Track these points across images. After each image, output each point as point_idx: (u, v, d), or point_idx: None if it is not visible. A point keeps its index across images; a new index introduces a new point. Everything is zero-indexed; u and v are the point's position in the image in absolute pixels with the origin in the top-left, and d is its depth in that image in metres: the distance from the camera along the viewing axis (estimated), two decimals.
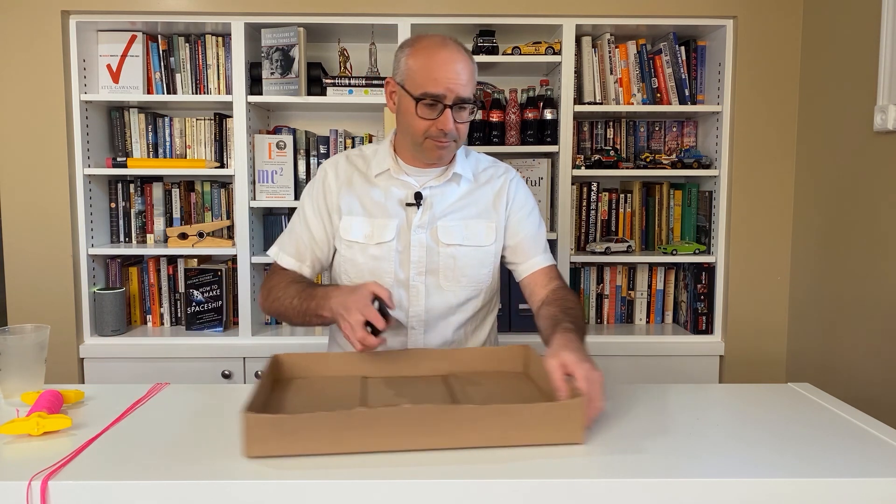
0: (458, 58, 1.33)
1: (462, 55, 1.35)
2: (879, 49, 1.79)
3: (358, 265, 1.42)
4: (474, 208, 1.44)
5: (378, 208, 1.42)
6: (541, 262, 1.47)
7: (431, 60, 1.32)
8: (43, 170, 2.24)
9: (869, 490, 0.92)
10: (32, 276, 2.27)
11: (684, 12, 2.24)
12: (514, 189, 1.49)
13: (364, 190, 1.44)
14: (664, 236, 2.51)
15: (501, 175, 1.50)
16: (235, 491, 0.89)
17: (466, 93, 1.33)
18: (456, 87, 1.31)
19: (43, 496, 0.87)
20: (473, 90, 1.36)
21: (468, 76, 1.34)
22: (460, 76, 1.32)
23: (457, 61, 1.33)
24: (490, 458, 0.96)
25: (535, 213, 1.51)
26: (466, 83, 1.33)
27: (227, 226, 2.45)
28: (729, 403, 1.24)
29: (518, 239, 1.47)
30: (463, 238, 1.41)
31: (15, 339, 1.20)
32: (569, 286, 1.48)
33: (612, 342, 2.34)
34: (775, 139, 2.27)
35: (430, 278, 1.41)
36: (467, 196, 1.45)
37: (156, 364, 2.29)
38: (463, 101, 1.33)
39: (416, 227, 1.40)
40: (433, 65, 1.32)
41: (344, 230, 1.43)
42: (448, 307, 1.43)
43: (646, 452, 0.99)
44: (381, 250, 1.40)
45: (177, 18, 2.23)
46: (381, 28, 2.29)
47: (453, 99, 1.32)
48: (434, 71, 1.31)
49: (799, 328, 2.26)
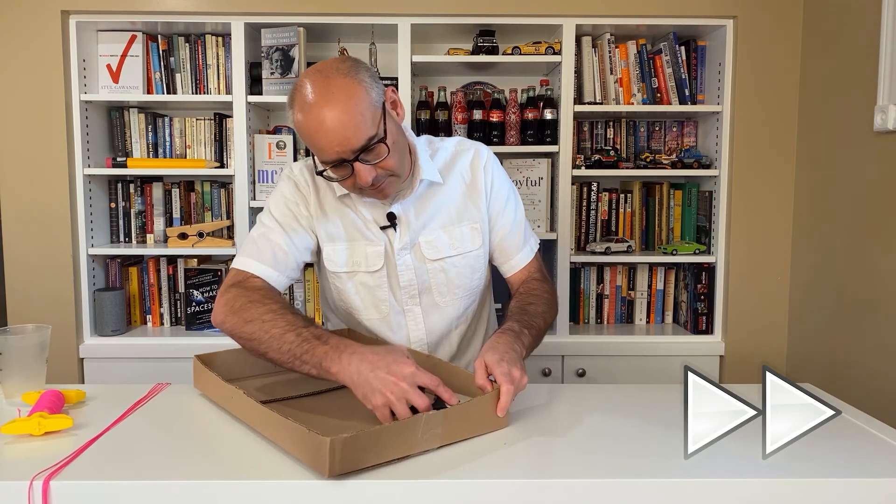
0: (329, 110, 1.12)
1: (334, 100, 1.13)
2: (879, 49, 1.79)
3: (350, 296, 1.35)
4: (452, 209, 1.35)
5: (357, 231, 1.32)
6: (521, 261, 1.41)
7: (304, 129, 1.16)
8: (43, 170, 2.24)
9: (869, 490, 0.92)
10: (32, 276, 2.27)
11: (684, 12, 2.24)
12: (490, 174, 1.37)
13: (338, 211, 1.32)
14: (664, 236, 2.52)
15: (469, 157, 1.37)
16: (235, 491, 0.89)
17: (360, 139, 1.14)
18: (346, 145, 1.14)
19: (44, 496, 0.87)
20: (374, 121, 1.15)
21: (355, 119, 1.13)
22: (342, 131, 1.13)
23: (328, 117, 1.12)
24: (484, 456, 0.96)
25: (510, 199, 1.40)
26: (354, 129, 1.13)
27: (227, 226, 2.45)
28: None
29: (499, 237, 1.40)
30: (449, 248, 1.34)
31: (16, 339, 1.20)
32: (545, 277, 1.43)
33: (612, 342, 2.34)
34: (775, 139, 2.27)
35: (424, 298, 1.35)
36: (441, 199, 1.34)
37: (156, 364, 2.29)
38: (364, 147, 1.15)
39: (399, 250, 1.32)
40: (308, 134, 1.16)
41: (329, 261, 1.32)
42: (448, 322, 1.39)
43: (645, 452, 0.99)
44: (374, 279, 1.33)
45: (177, 18, 2.22)
46: (381, 28, 2.28)
47: (351, 153, 1.15)
48: (313, 141, 1.15)
49: (799, 328, 2.26)
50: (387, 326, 1.37)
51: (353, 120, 1.13)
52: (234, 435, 1.04)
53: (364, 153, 1.16)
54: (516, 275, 1.43)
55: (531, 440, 1.03)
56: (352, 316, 1.39)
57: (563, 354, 2.33)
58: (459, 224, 1.35)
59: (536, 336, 1.26)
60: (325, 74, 1.16)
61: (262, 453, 0.98)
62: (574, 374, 2.33)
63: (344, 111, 1.13)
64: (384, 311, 1.35)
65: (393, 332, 1.37)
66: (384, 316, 1.36)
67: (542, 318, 1.31)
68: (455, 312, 1.39)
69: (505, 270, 1.44)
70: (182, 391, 1.25)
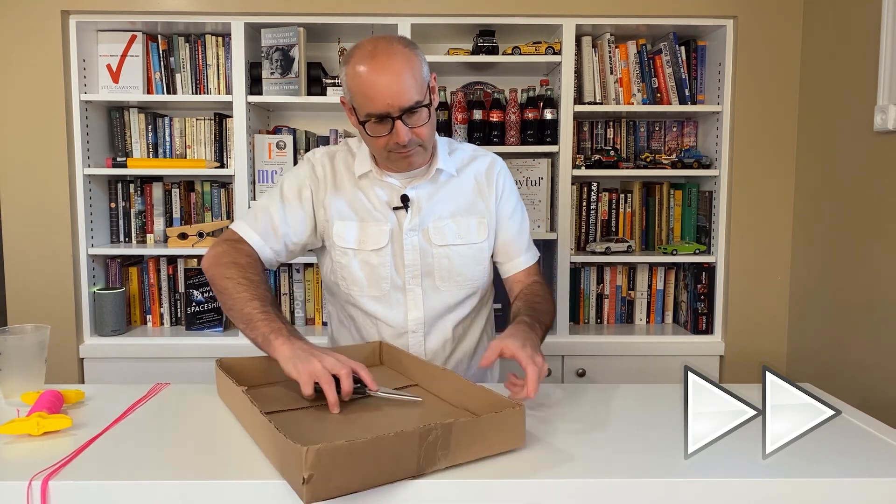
0: (389, 66, 1.22)
1: (395, 60, 1.23)
2: (879, 49, 1.79)
3: (353, 272, 1.40)
4: (462, 201, 1.42)
5: (367, 212, 1.39)
6: (523, 263, 1.47)
7: (362, 80, 1.23)
8: (43, 170, 2.24)
9: (869, 490, 0.92)
10: (32, 276, 2.27)
11: (684, 12, 2.24)
12: (503, 182, 1.46)
13: (352, 193, 1.40)
14: (664, 236, 2.51)
15: (486, 163, 1.46)
16: (235, 491, 0.89)
17: (411, 99, 1.23)
18: (396, 100, 1.23)
19: (43, 496, 0.87)
20: (422, 89, 1.26)
21: (408, 80, 1.23)
22: (397, 86, 1.22)
23: (388, 71, 1.22)
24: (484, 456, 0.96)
25: (518, 208, 1.49)
26: (407, 89, 1.23)
27: (227, 226, 2.45)
28: None
29: (503, 238, 1.46)
30: (455, 237, 1.40)
31: (15, 339, 1.20)
32: (545, 282, 1.48)
33: (612, 342, 2.34)
34: (775, 139, 2.27)
35: (426, 280, 1.40)
36: (453, 190, 1.42)
37: (156, 364, 2.29)
38: (411, 108, 1.24)
39: (407, 231, 1.38)
40: (365, 84, 1.23)
41: (338, 237, 1.39)
42: (446, 307, 1.43)
43: (645, 452, 0.99)
44: (378, 257, 1.38)
45: (177, 18, 2.22)
46: (381, 28, 2.28)
47: (398, 110, 1.24)
48: (368, 90, 1.23)
49: (799, 328, 2.26)
50: (385, 304, 1.41)
51: (408, 80, 1.24)
52: (234, 435, 1.04)
53: (408, 114, 1.25)
54: (518, 274, 1.47)
55: (531, 440, 1.03)
56: (351, 296, 1.43)
57: (563, 354, 2.33)
58: (468, 216, 1.42)
59: (543, 333, 1.30)
60: (388, 41, 1.27)
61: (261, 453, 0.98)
62: (574, 374, 2.33)
63: (403, 69, 1.23)
64: (384, 290, 1.40)
65: (391, 310, 1.41)
66: (384, 294, 1.40)
67: (548, 317, 1.36)
68: (453, 299, 1.43)
69: (507, 269, 1.48)
70: (182, 391, 1.25)
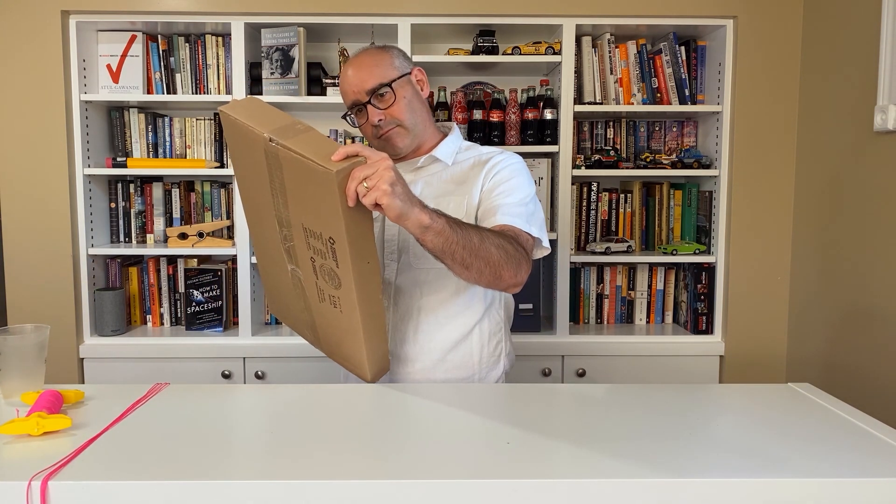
0: (356, 62, 1.42)
1: (362, 56, 1.42)
2: (879, 49, 1.79)
3: None
4: (450, 185, 1.44)
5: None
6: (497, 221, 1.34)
7: (341, 81, 1.44)
8: (43, 170, 2.24)
9: (869, 490, 0.92)
10: (32, 276, 2.27)
11: (684, 12, 2.24)
12: (500, 167, 1.42)
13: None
14: (664, 236, 2.51)
15: (488, 154, 1.47)
16: (235, 491, 0.89)
17: (370, 83, 1.38)
18: (361, 86, 1.39)
19: (43, 496, 0.87)
20: (387, 75, 1.40)
21: (372, 69, 1.39)
22: (361, 74, 1.39)
23: (354, 66, 1.41)
24: (485, 456, 0.96)
25: (519, 188, 1.40)
26: (371, 76, 1.39)
27: (227, 226, 2.45)
28: (729, 404, 1.23)
29: (484, 206, 1.39)
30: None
31: (15, 339, 1.20)
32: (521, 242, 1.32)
33: (612, 342, 2.34)
34: (775, 139, 2.27)
35: (402, 257, 1.44)
36: (442, 176, 1.46)
37: (156, 364, 2.29)
38: (374, 91, 1.38)
39: None
40: (342, 84, 1.44)
41: None
42: (418, 284, 1.42)
43: (646, 452, 0.99)
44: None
45: (177, 18, 2.22)
46: (381, 28, 2.28)
47: (365, 94, 1.39)
48: (343, 87, 1.44)
49: (799, 328, 2.26)
50: None
51: (369, 68, 1.40)
52: (233, 434, 1.04)
53: (376, 98, 1.39)
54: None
55: (531, 440, 1.03)
56: None
57: (563, 354, 2.33)
58: (447, 197, 1.43)
59: (459, 233, 1.17)
60: (367, 48, 1.47)
61: (261, 453, 0.98)
62: (574, 374, 2.33)
63: (367, 61, 1.41)
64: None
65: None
66: None
67: (478, 236, 1.20)
68: (425, 277, 1.42)
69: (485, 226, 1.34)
70: (182, 391, 1.25)
